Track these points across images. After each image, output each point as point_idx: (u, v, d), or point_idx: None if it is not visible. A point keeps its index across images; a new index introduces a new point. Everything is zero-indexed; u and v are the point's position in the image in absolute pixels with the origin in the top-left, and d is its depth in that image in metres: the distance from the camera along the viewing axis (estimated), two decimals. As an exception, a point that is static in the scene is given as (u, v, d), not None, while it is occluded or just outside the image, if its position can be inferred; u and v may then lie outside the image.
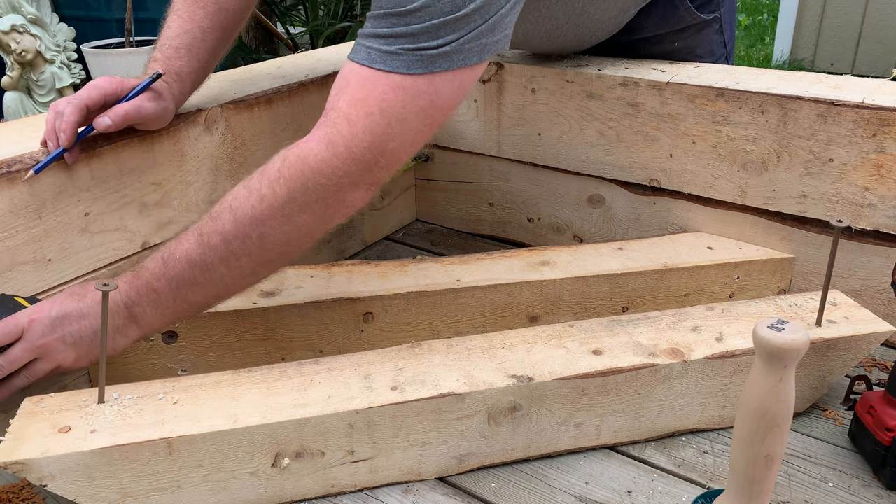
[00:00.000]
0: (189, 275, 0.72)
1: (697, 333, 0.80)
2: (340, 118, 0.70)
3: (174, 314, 0.75)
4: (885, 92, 0.93)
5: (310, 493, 0.72)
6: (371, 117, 0.69)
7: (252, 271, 0.74)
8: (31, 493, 0.74)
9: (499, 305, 0.95)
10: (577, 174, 1.15)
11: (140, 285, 0.73)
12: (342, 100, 0.71)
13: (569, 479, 0.75)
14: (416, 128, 0.71)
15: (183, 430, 0.66)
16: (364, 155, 0.70)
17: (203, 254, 0.72)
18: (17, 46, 2.61)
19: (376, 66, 0.69)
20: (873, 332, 0.80)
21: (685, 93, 1.00)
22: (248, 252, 0.72)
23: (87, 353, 0.73)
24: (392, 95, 0.69)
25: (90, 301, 0.73)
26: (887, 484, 0.73)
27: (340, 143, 0.70)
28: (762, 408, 0.56)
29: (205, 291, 0.74)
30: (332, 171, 0.70)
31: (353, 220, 1.22)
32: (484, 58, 0.72)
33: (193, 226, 0.74)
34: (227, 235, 0.71)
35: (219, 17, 0.91)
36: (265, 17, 3.09)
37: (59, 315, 0.72)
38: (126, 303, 0.73)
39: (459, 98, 0.73)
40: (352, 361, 0.76)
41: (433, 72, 0.69)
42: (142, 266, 0.74)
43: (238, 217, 0.71)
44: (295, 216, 0.71)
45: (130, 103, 0.81)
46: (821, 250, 0.97)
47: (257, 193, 0.71)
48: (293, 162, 0.71)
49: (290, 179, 0.70)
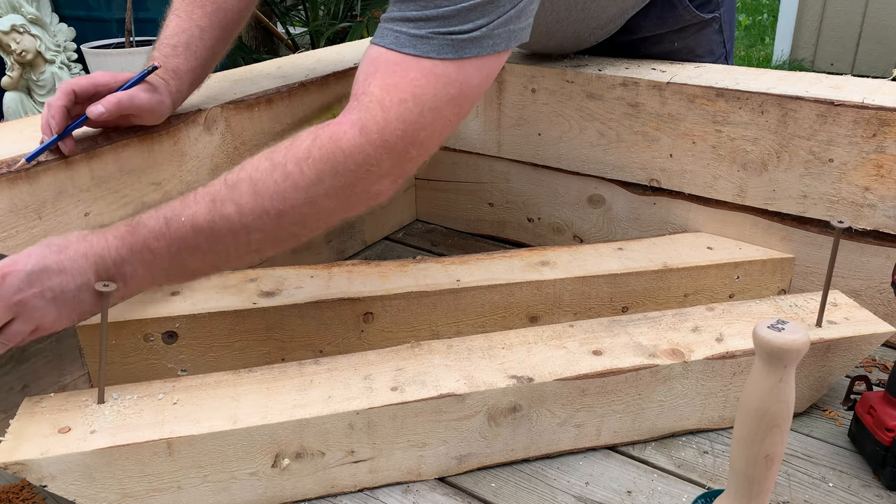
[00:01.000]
0: (192, 240, 0.69)
1: (697, 334, 0.80)
2: (374, 104, 0.68)
3: (165, 277, 0.71)
4: (885, 92, 0.93)
5: (310, 494, 0.72)
6: (404, 104, 0.67)
7: (259, 248, 0.72)
8: (31, 494, 0.74)
9: (499, 305, 0.95)
10: (577, 174, 1.15)
11: (134, 243, 0.68)
12: (373, 84, 0.68)
13: (569, 480, 0.75)
14: (447, 117, 0.70)
15: (183, 431, 0.66)
16: (397, 143, 0.68)
17: (212, 221, 0.68)
18: (17, 46, 2.61)
19: (405, 50, 0.68)
20: (873, 333, 0.80)
21: (685, 93, 1.00)
22: (261, 228, 0.69)
23: (69, 312, 0.68)
24: (424, 82, 0.68)
25: (72, 254, 0.67)
26: (887, 484, 0.73)
27: (374, 130, 0.67)
28: (762, 408, 0.56)
29: (205, 259, 0.71)
30: (365, 157, 0.68)
31: (353, 220, 1.22)
32: (511, 45, 0.71)
33: (203, 189, 0.70)
34: (243, 208, 0.68)
35: (217, 15, 0.91)
36: (265, 17, 3.09)
37: (37, 269, 0.66)
38: (115, 259, 0.68)
39: (486, 87, 0.72)
40: (352, 362, 0.76)
41: (463, 57, 0.68)
42: (139, 222, 0.69)
43: (258, 190, 0.68)
44: (319, 199, 0.69)
45: (124, 92, 0.80)
46: (821, 250, 0.97)
47: (282, 169, 0.68)
48: (324, 143, 0.68)
49: (320, 161, 0.68)
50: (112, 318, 0.84)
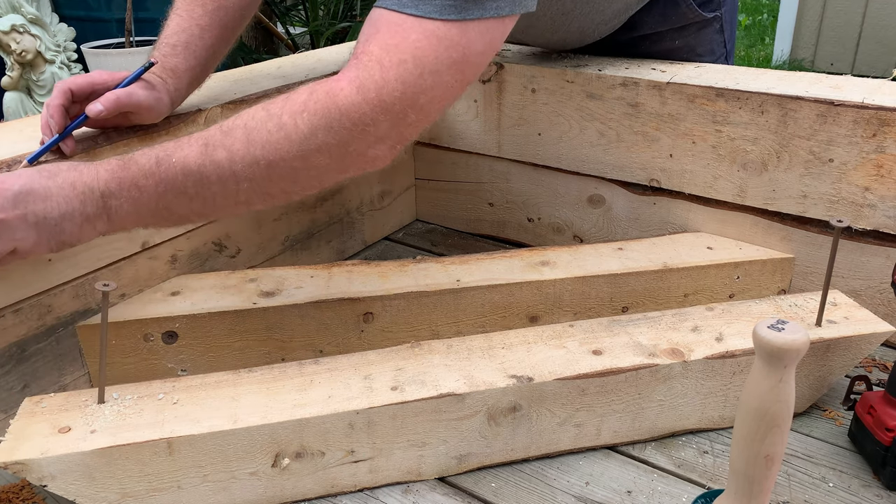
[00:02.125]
0: (181, 182, 0.68)
1: (697, 333, 0.80)
2: (373, 62, 0.67)
3: (151, 218, 0.71)
4: (885, 92, 0.93)
5: (310, 494, 0.72)
6: (404, 65, 0.66)
7: (247, 199, 0.71)
8: (31, 493, 0.74)
9: (499, 305, 0.95)
10: (577, 174, 1.15)
11: (124, 177, 0.68)
12: (373, 44, 0.68)
13: (569, 479, 0.75)
14: (448, 82, 0.69)
15: (183, 430, 0.66)
16: (395, 105, 0.67)
17: (202, 165, 0.68)
18: (17, 46, 2.61)
19: (407, 10, 0.67)
20: (873, 333, 0.80)
21: (685, 93, 1.00)
22: (250, 177, 0.68)
23: (49, 239, 0.68)
24: (426, 44, 0.66)
25: (61, 181, 0.67)
26: (887, 484, 0.73)
27: (372, 89, 0.66)
28: (762, 408, 0.56)
29: (191, 205, 0.70)
30: (361, 116, 0.67)
31: (353, 220, 1.22)
32: (515, 10, 0.69)
33: (198, 133, 0.70)
34: (234, 155, 0.68)
35: (218, 14, 0.90)
36: (265, 17, 3.09)
37: (24, 190, 0.66)
38: (103, 192, 0.68)
39: (490, 54, 0.71)
40: (352, 361, 0.76)
41: (466, 19, 0.67)
42: (131, 158, 0.69)
43: (251, 139, 0.68)
44: (311, 154, 0.68)
45: (122, 89, 0.80)
46: (821, 250, 0.97)
47: (277, 120, 0.68)
48: (320, 97, 0.67)
49: (315, 115, 0.67)
50: (112, 318, 0.84)
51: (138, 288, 0.90)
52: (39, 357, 0.81)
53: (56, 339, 0.82)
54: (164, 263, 0.93)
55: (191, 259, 0.96)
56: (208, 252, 0.99)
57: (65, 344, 0.83)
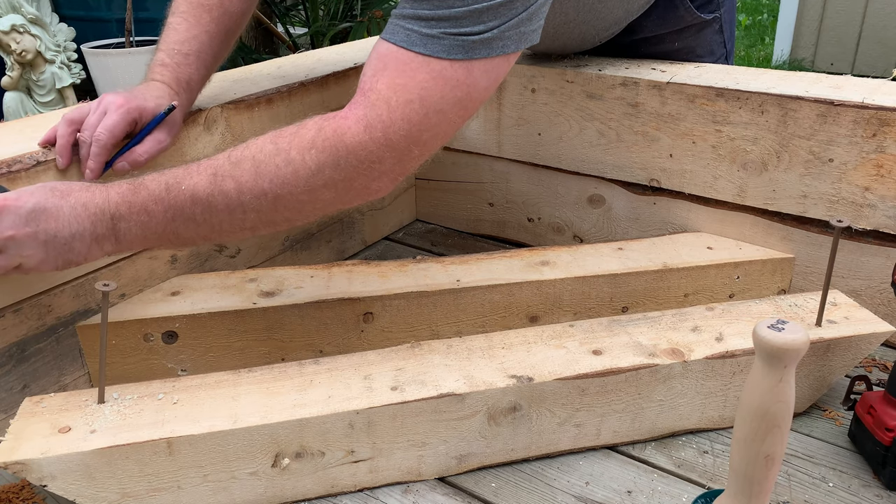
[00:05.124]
0: (189, 210, 0.70)
1: (697, 333, 0.80)
2: (380, 102, 0.68)
3: (157, 240, 0.72)
4: (885, 92, 0.93)
5: (310, 494, 0.72)
6: (410, 105, 0.68)
7: (252, 226, 0.73)
8: (31, 493, 0.74)
9: (499, 305, 0.95)
10: (577, 174, 1.15)
11: (134, 202, 0.70)
12: (381, 82, 0.69)
13: (569, 479, 0.75)
14: (451, 119, 0.71)
15: (183, 430, 0.66)
16: (400, 143, 0.69)
17: (210, 195, 0.70)
18: (17, 46, 2.61)
19: (416, 48, 0.68)
20: (873, 333, 0.80)
21: (685, 93, 1.00)
22: (257, 209, 0.70)
23: (56, 257, 0.69)
24: (432, 84, 0.68)
25: (73, 202, 0.69)
26: (887, 484, 0.73)
27: (378, 128, 0.68)
28: (762, 408, 0.56)
29: (198, 231, 0.72)
30: (367, 154, 0.69)
31: (353, 220, 1.22)
32: (520, 47, 0.71)
33: (207, 161, 0.71)
34: (242, 186, 0.69)
35: (223, 20, 0.91)
36: (265, 17, 3.09)
37: (36, 208, 0.67)
38: (113, 214, 0.70)
39: (493, 89, 0.72)
40: (352, 361, 0.76)
41: (472, 58, 0.68)
42: (141, 183, 0.71)
43: (260, 172, 0.69)
44: (317, 189, 0.70)
45: (151, 143, 0.83)
46: (821, 250, 0.97)
47: (285, 155, 0.69)
48: (329, 135, 0.69)
49: (323, 152, 0.69)
50: (112, 318, 0.84)
51: (138, 288, 0.90)
52: (39, 357, 0.81)
53: (56, 339, 0.82)
54: (164, 263, 0.93)
55: (191, 259, 0.96)
56: (208, 252, 0.99)
57: (65, 344, 0.83)
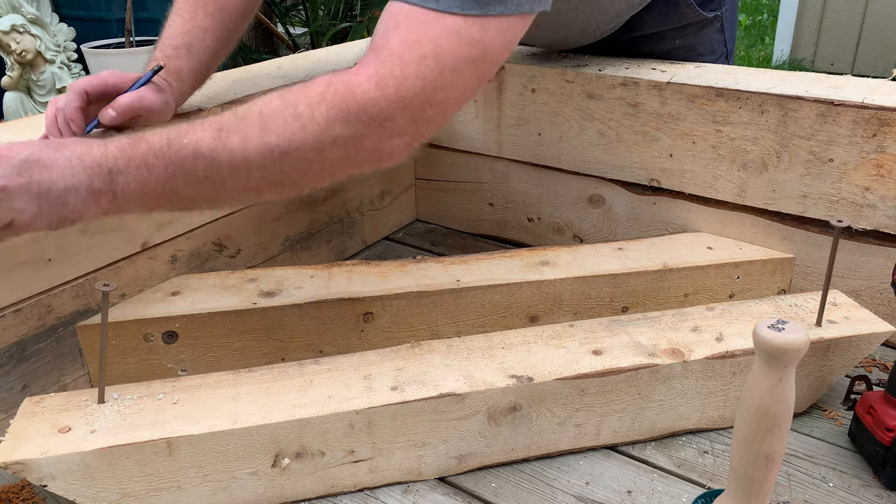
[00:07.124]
0: (191, 165, 0.67)
1: (697, 333, 0.80)
2: (392, 58, 0.66)
3: (156, 200, 0.69)
4: (885, 92, 0.93)
5: (310, 494, 0.72)
6: (424, 61, 0.66)
7: (256, 186, 0.69)
8: (31, 493, 0.74)
9: (499, 305, 0.95)
10: (577, 174, 1.15)
11: (133, 155, 0.66)
12: (393, 39, 0.67)
13: (569, 479, 0.75)
14: (467, 79, 0.68)
15: (183, 430, 0.66)
16: (413, 101, 0.66)
17: (214, 150, 0.67)
18: (17, 46, 2.61)
19: (428, 4, 0.66)
20: (873, 333, 0.80)
21: (685, 93, 1.00)
22: (263, 165, 0.67)
23: (50, 212, 0.65)
24: (446, 40, 0.66)
25: (69, 154, 0.66)
26: (887, 484, 0.73)
27: (391, 85, 0.66)
28: (762, 408, 0.56)
29: (199, 189, 0.68)
30: (378, 111, 0.66)
31: (353, 220, 1.22)
32: (535, 8, 0.69)
33: (212, 117, 0.69)
34: (248, 141, 0.67)
35: (220, 16, 0.90)
36: (265, 17, 3.09)
37: (30, 159, 0.64)
38: (111, 168, 0.66)
39: (508, 52, 0.71)
40: (352, 361, 0.76)
41: (487, 14, 0.66)
42: (141, 137, 0.68)
43: (267, 126, 0.67)
44: (326, 146, 0.67)
45: (133, 94, 0.80)
46: (821, 250, 0.97)
47: (293, 109, 0.67)
48: (339, 90, 0.66)
49: (332, 107, 0.66)
50: (112, 318, 0.84)
51: (138, 288, 0.90)
52: (39, 357, 0.81)
53: (56, 339, 0.82)
54: (164, 263, 0.93)
55: (191, 259, 0.96)
56: (208, 252, 0.99)
57: (65, 344, 0.83)
